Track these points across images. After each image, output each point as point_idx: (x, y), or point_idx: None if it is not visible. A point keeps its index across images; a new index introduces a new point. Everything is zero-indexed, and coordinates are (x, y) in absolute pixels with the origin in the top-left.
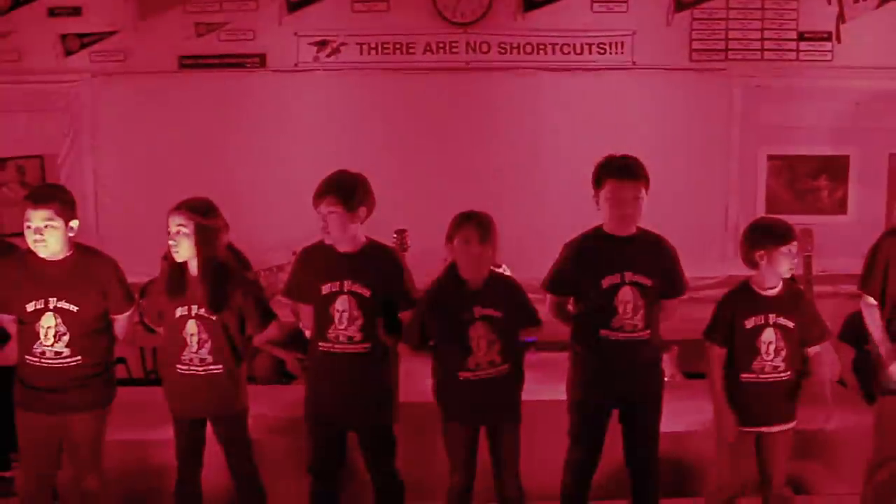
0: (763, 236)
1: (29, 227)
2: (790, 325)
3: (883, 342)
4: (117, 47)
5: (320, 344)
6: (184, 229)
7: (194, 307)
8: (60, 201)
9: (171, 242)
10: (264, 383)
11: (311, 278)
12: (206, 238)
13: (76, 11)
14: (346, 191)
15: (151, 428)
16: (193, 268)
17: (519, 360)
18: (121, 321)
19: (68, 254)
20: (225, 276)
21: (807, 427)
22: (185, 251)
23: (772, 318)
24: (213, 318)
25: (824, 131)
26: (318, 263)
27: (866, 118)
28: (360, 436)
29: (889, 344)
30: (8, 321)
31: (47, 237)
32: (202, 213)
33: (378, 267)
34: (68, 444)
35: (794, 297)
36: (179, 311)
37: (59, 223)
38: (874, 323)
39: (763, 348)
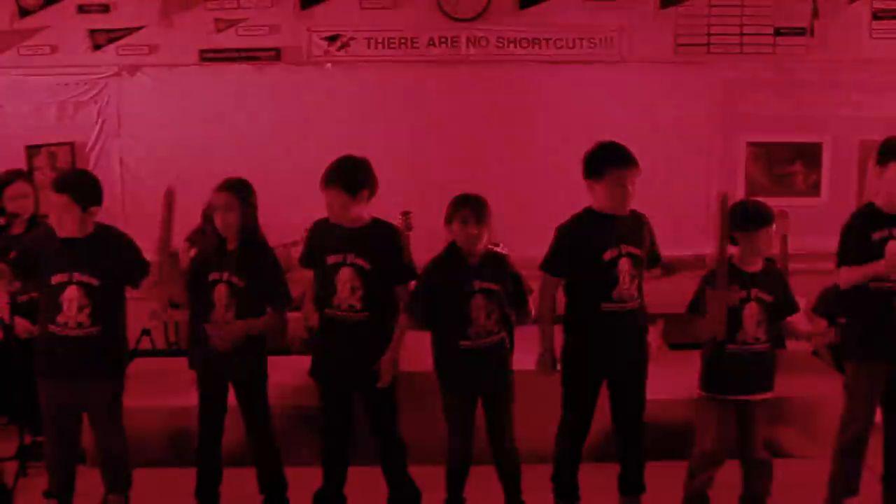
0: (743, 219)
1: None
2: (769, 299)
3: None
4: (143, 42)
5: (326, 310)
6: (230, 205)
7: (226, 273)
8: (75, 189)
9: (216, 217)
10: (296, 353)
11: (319, 250)
12: (246, 213)
13: (105, 8)
14: (349, 177)
15: (174, 395)
16: (230, 239)
17: (510, 331)
18: (144, 287)
19: (90, 232)
20: (258, 248)
21: (784, 395)
22: (230, 224)
23: (754, 292)
24: (242, 284)
25: (799, 120)
26: (325, 236)
27: (838, 108)
28: (363, 397)
29: None
30: None
31: (61, 220)
32: (245, 192)
33: (379, 242)
34: (89, 410)
35: (772, 274)
36: (212, 276)
37: (73, 209)
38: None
39: (746, 321)
